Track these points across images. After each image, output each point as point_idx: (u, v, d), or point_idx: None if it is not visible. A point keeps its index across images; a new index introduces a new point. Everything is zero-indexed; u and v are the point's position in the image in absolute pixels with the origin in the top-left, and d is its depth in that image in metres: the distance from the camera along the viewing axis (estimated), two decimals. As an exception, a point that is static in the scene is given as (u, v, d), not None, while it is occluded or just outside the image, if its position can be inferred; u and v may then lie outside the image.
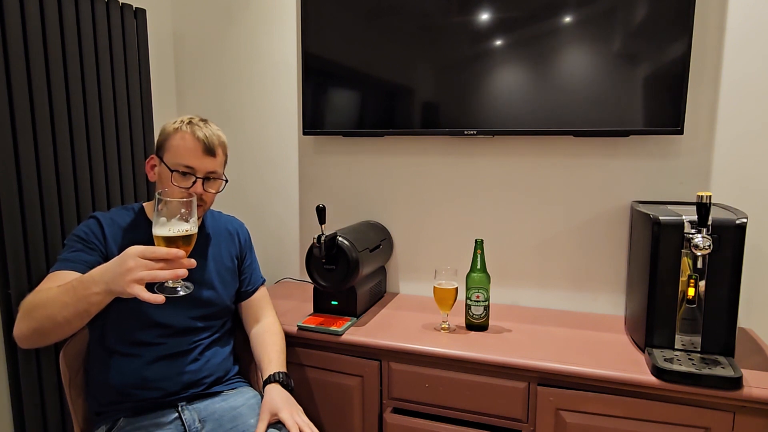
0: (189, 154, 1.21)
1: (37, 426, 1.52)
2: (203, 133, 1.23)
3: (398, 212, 1.85)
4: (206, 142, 1.23)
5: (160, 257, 0.94)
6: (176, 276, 0.94)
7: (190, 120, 1.25)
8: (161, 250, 0.94)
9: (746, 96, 1.47)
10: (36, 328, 1.02)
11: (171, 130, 1.23)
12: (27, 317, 1.02)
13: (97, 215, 1.24)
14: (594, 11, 1.48)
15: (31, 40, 1.45)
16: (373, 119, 1.74)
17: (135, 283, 0.91)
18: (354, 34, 1.73)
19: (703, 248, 1.17)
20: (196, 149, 1.22)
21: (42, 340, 1.04)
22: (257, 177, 2.03)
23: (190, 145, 1.21)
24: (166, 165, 1.22)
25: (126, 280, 0.91)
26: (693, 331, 1.25)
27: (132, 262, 0.92)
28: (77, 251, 1.17)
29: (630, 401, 1.21)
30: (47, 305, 1.00)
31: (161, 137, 1.25)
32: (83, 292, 0.97)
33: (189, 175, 1.22)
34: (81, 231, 1.20)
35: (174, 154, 1.22)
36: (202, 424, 1.20)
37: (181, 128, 1.22)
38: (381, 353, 1.42)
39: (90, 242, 1.19)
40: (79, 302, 0.97)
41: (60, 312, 0.98)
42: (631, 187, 1.59)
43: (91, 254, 1.17)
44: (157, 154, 1.26)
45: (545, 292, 1.72)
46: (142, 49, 1.83)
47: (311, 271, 1.51)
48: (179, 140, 1.22)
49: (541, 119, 1.56)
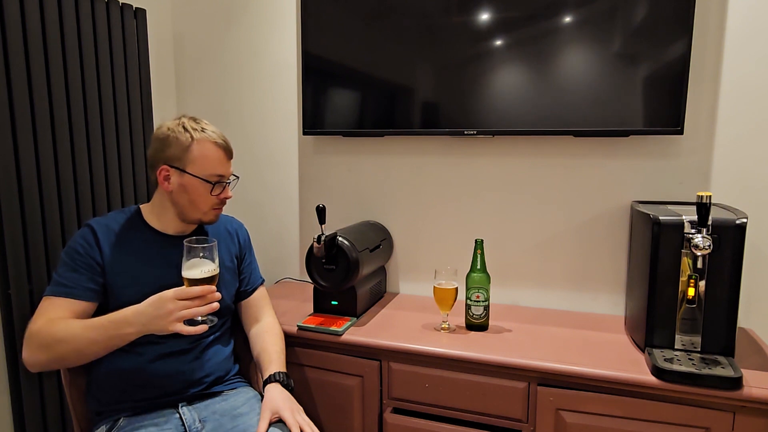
0: (217, 163, 1.25)
1: (37, 426, 1.52)
2: (218, 136, 1.25)
3: (398, 212, 1.85)
4: (225, 147, 1.27)
5: (194, 296, 1.06)
6: (212, 309, 1.08)
7: (201, 127, 1.24)
8: (195, 290, 1.07)
9: (746, 96, 1.47)
10: (57, 360, 1.11)
11: (188, 141, 1.22)
12: (45, 349, 1.09)
13: (92, 223, 1.23)
14: (594, 11, 1.48)
15: (31, 40, 1.45)
16: (373, 119, 1.74)
17: (176, 322, 1.05)
18: (354, 34, 1.73)
19: (703, 248, 1.17)
20: (222, 156, 1.25)
21: (58, 367, 1.14)
22: (257, 177, 2.03)
23: (216, 154, 1.24)
24: (198, 177, 1.23)
25: (168, 320, 1.04)
26: (693, 331, 1.25)
27: (171, 305, 1.05)
28: (72, 272, 1.18)
29: (630, 401, 1.21)
30: (71, 341, 1.09)
31: (175, 148, 1.22)
32: (115, 332, 1.08)
33: (220, 182, 1.26)
34: (76, 244, 1.20)
35: (203, 165, 1.23)
36: (202, 424, 1.20)
37: (199, 137, 1.23)
38: (381, 353, 1.42)
39: (84, 258, 1.19)
40: (110, 340, 1.09)
41: (88, 347, 1.09)
42: (631, 187, 1.59)
43: (86, 275, 1.18)
44: (171, 165, 1.23)
45: (545, 292, 1.72)
46: (142, 49, 1.83)
47: (311, 271, 1.51)
48: (205, 150, 1.23)
49: (541, 119, 1.56)
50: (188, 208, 1.26)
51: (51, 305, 1.15)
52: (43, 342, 1.09)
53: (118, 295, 1.19)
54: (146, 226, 1.29)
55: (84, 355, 1.11)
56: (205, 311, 1.07)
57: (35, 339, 1.10)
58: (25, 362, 1.12)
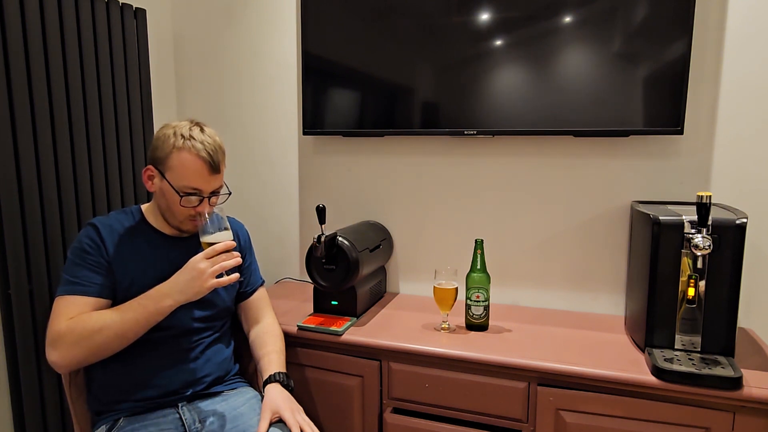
0: (195, 176, 1.18)
1: (37, 426, 1.52)
2: (205, 149, 1.18)
3: (398, 212, 1.85)
4: (211, 162, 1.19)
5: (220, 251, 1.13)
6: (238, 262, 1.16)
7: (190, 134, 1.18)
8: (219, 246, 1.14)
9: (746, 96, 1.47)
10: (95, 352, 1.13)
11: (171, 147, 1.17)
12: (83, 343, 1.10)
13: (96, 222, 1.23)
14: (594, 11, 1.48)
15: (31, 40, 1.45)
16: (373, 119, 1.74)
17: (210, 278, 1.11)
18: (354, 34, 1.73)
19: (703, 248, 1.17)
20: (202, 170, 1.18)
21: (95, 360, 1.15)
22: (257, 177, 2.03)
23: (195, 167, 1.17)
24: (171, 185, 1.19)
25: (203, 279, 1.11)
26: (693, 331, 1.25)
27: (203, 265, 1.12)
28: (83, 269, 1.17)
29: (630, 401, 1.21)
30: (111, 326, 1.11)
31: (160, 152, 1.19)
32: (155, 306, 1.12)
33: (195, 195, 1.20)
34: (83, 243, 1.19)
35: (179, 175, 1.18)
36: (202, 424, 1.20)
37: (182, 145, 1.17)
38: (381, 353, 1.42)
39: (93, 256, 1.19)
40: (150, 316, 1.13)
41: (131, 329, 1.13)
42: (631, 187, 1.59)
43: (97, 272, 1.18)
44: (155, 167, 1.21)
45: (545, 292, 1.72)
46: (142, 49, 1.83)
47: (311, 271, 1.51)
48: (183, 161, 1.17)
49: (541, 119, 1.56)
50: (166, 213, 1.25)
51: (69, 304, 1.14)
52: (79, 337, 1.09)
53: (122, 295, 1.19)
54: (148, 226, 1.29)
55: (126, 339, 1.13)
56: (232, 264, 1.14)
57: (68, 337, 1.10)
58: (56, 364, 1.11)
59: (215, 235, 1.17)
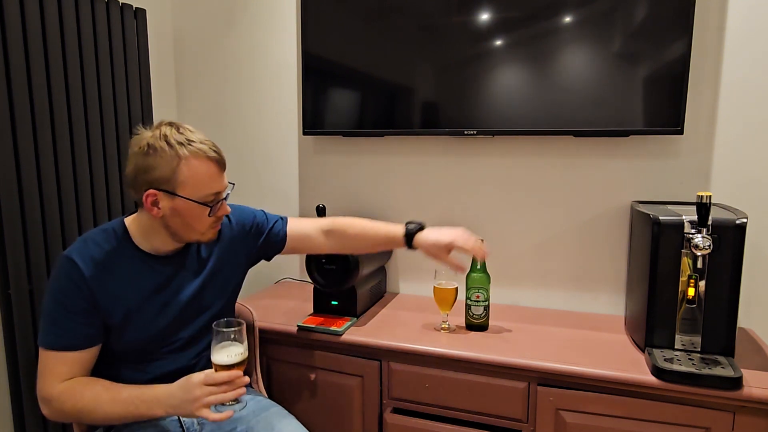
0: (211, 180, 1.09)
1: (37, 426, 1.52)
2: (208, 148, 1.09)
3: (398, 212, 1.85)
4: (218, 159, 1.11)
5: (222, 381, 1.03)
6: (239, 395, 1.05)
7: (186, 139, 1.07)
8: (222, 376, 1.03)
9: (746, 96, 1.47)
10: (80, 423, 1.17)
11: (174, 160, 1.05)
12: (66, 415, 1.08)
13: (73, 257, 1.08)
14: (594, 11, 1.48)
15: (31, 40, 1.45)
16: (373, 119, 1.74)
17: (203, 407, 1.02)
18: (354, 34, 1.73)
19: (703, 248, 1.17)
20: (214, 172, 1.10)
21: None
22: (257, 177, 2.03)
23: (209, 170, 1.09)
24: (191, 200, 1.08)
25: (195, 406, 1.02)
26: (693, 331, 1.25)
27: (198, 391, 1.02)
28: (66, 319, 1.07)
29: (630, 401, 1.21)
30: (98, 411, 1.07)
31: (160, 170, 1.06)
32: (145, 412, 1.06)
33: (217, 200, 1.12)
34: (62, 285, 1.08)
35: (196, 186, 1.07)
36: (200, 425, 1.20)
37: (186, 153, 1.06)
38: (381, 353, 1.42)
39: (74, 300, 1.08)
40: (138, 417, 1.07)
41: (118, 419, 1.08)
42: (631, 187, 1.59)
43: (82, 320, 1.08)
44: (159, 189, 1.06)
45: (545, 292, 1.72)
46: (142, 49, 1.83)
47: (311, 271, 1.51)
48: (195, 169, 1.07)
49: (541, 119, 1.56)
50: (183, 231, 1.12)
51: (57, 362, 1.07)
52: (70, 410, 1.06)
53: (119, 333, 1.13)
54: (134, 248, 1.15)
55: (110, 423, 1.10)
56: (231, 397, 1.04)
57: (56, 405, 1.06)
58: (48, 417, 1.11)
59: (225, 354, 1.07)
